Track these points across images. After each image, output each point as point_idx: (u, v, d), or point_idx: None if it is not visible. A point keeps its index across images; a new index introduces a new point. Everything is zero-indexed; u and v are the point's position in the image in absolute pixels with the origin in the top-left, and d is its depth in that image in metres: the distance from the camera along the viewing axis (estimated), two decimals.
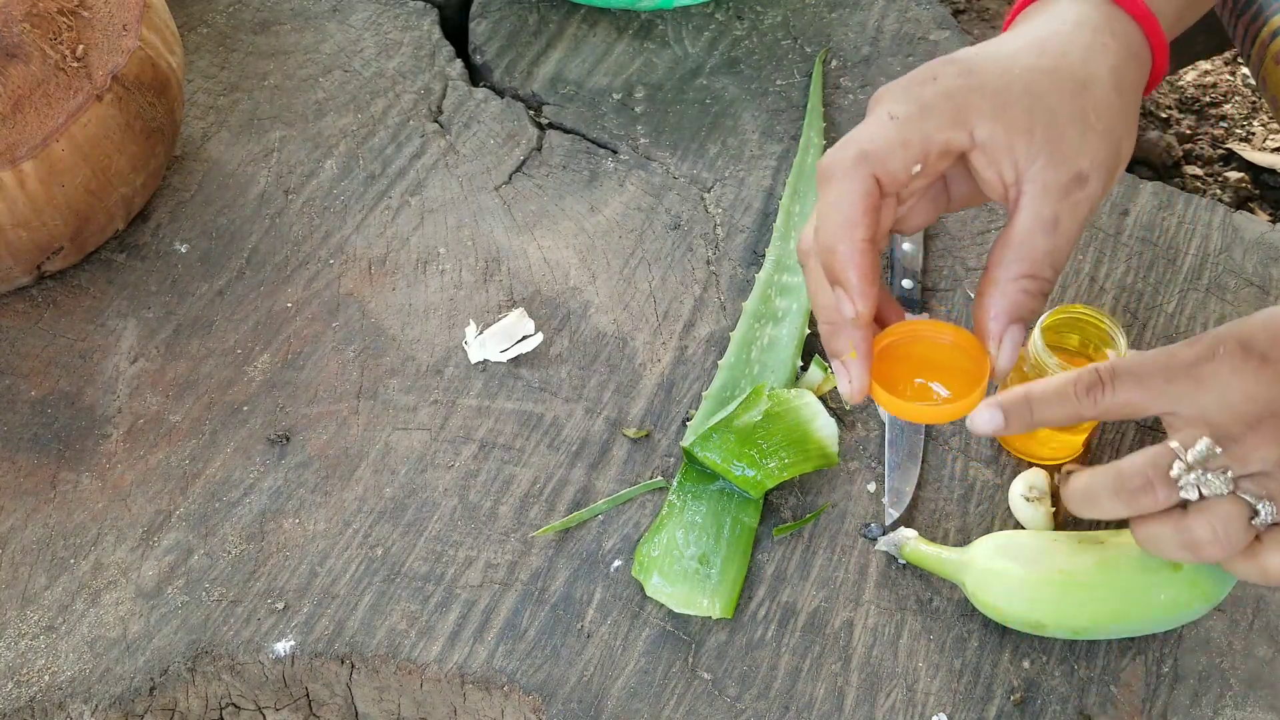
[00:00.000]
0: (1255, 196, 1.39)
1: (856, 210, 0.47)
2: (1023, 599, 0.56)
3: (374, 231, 0.75)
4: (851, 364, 0.51)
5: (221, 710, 0.61)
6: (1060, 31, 0.50)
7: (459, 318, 0.71)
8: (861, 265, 0.47)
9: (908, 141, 0.47)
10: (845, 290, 0.48)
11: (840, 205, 0.47)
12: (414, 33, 0.85)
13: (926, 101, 0.48)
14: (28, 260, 0.67)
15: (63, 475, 0.65)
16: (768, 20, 0.86)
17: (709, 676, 0.59)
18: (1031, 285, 0.49)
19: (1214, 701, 0.58)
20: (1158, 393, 0.49)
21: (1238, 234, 0.74)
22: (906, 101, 0.48)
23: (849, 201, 0.47)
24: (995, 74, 0.48)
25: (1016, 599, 0.56)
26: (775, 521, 0.63)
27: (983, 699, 0.58)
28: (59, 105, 0.64)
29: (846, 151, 0.48)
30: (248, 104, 0.80)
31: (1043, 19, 0.52)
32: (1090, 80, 0.49)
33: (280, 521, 0.64)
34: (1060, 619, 0.56)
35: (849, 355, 0.51)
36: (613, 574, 0.62)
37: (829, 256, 0.48)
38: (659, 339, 0.70)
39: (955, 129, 0.48)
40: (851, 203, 0.47)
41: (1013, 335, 0.50)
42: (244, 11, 0.86)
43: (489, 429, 0.67)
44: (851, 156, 0.47)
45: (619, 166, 0.78)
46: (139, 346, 0.70)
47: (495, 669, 0.59)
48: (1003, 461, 0.65)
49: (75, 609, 0.61)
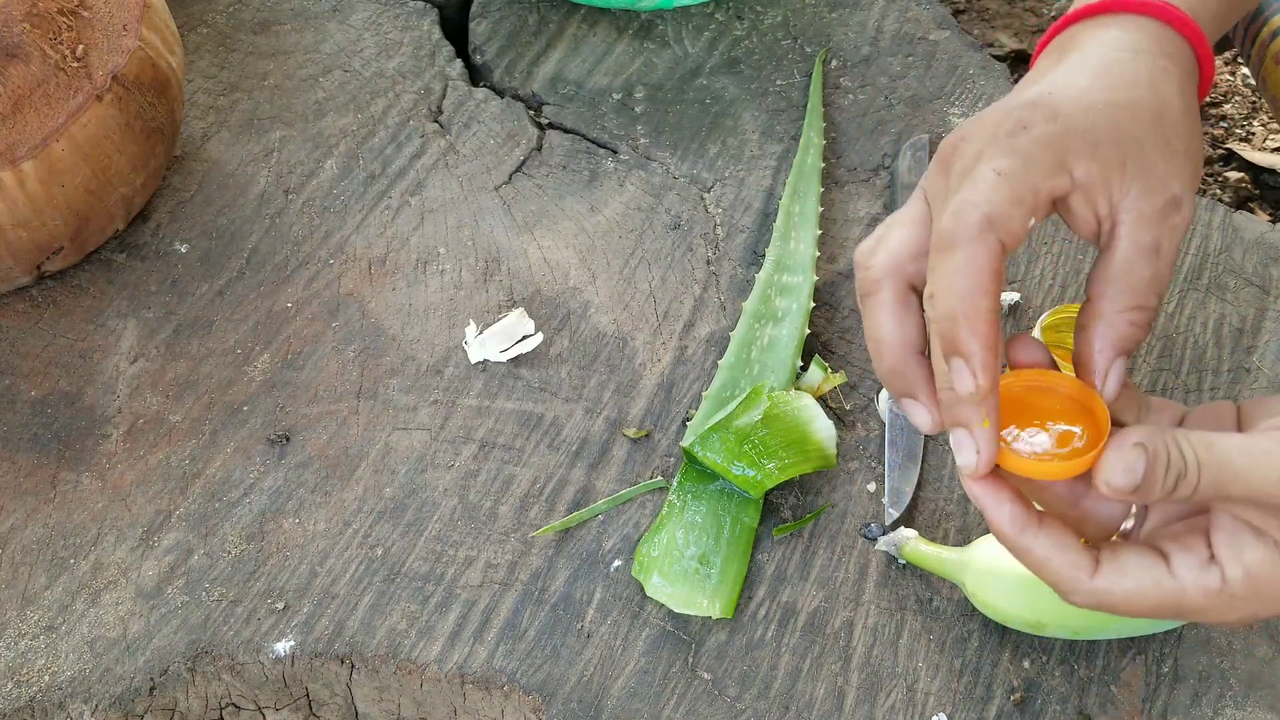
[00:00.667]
0: (1255, 196, 1.39)
1: (985, 278, 0.45)
2: (1022, 599, 0.56)
3: (374, 231, 0.75)
4: (980, 434, 0.46)
5: (221, 710, 0.61)
6: (1122, 60, 0.50)
7: (459, 318, 0.71)
8: (989, 336, 0.45)
9: (1021, 198, 0.46)
10: (968, 362, 0.45)
11: (968, 272, 0.45)
12: (414, 33, 0.85)
13: (1029, 152, 0.46)
14: (28, 260, 0.67)
15: (63, 475, 0.65)
16: (768, 20, 0.86)
17: (709, 676, 0.59)
18: (1139, 316, 0.48)
19: (1214, 701, 0.58)
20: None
21: (1238, 234, 0.74)
22: (1010, 155, 0.46)
23: (977, 268, 0.45)
24: (1080, 114, 0.47)
25: (1016, 599, 0.56)
26: (775, 521, 0.63)
27: (983, 699, 0.58)
28: (59, 105, 0.64)
29: (970, 217, 0.45)
30: (248, 104, 0.80)
31: (1096, 48, 0.51)
32: (1164, 106, 0.49)
33: (280, 521, 0.64)
34: (1060, 619, 0.56)
35: (978, 425, 0.46)
36: (613, 574, 0.62)
37: (950, 325, 0.45)
38: (659, 339, 0.70)
39: (1058, 176, 0.47)
40: (979, 269, 0.45)
41: (1118, 369, 0.48)
42: (244, 11, 0.86)
43: (489, 429, 0.67)
44: (976, 222, 0.45)
45: (619, 166, 0.78)
46: (139, 346, 0.70)
47: (495, 669, 0.59)
48: None
49: (75, 609, 0.61)
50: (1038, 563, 0.46)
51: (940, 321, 0.46)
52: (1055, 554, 0.46)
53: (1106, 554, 0.46)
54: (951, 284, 0.45)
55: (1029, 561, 0.46)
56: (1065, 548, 0.46)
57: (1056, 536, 0.46)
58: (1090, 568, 0.45)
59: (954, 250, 0.45)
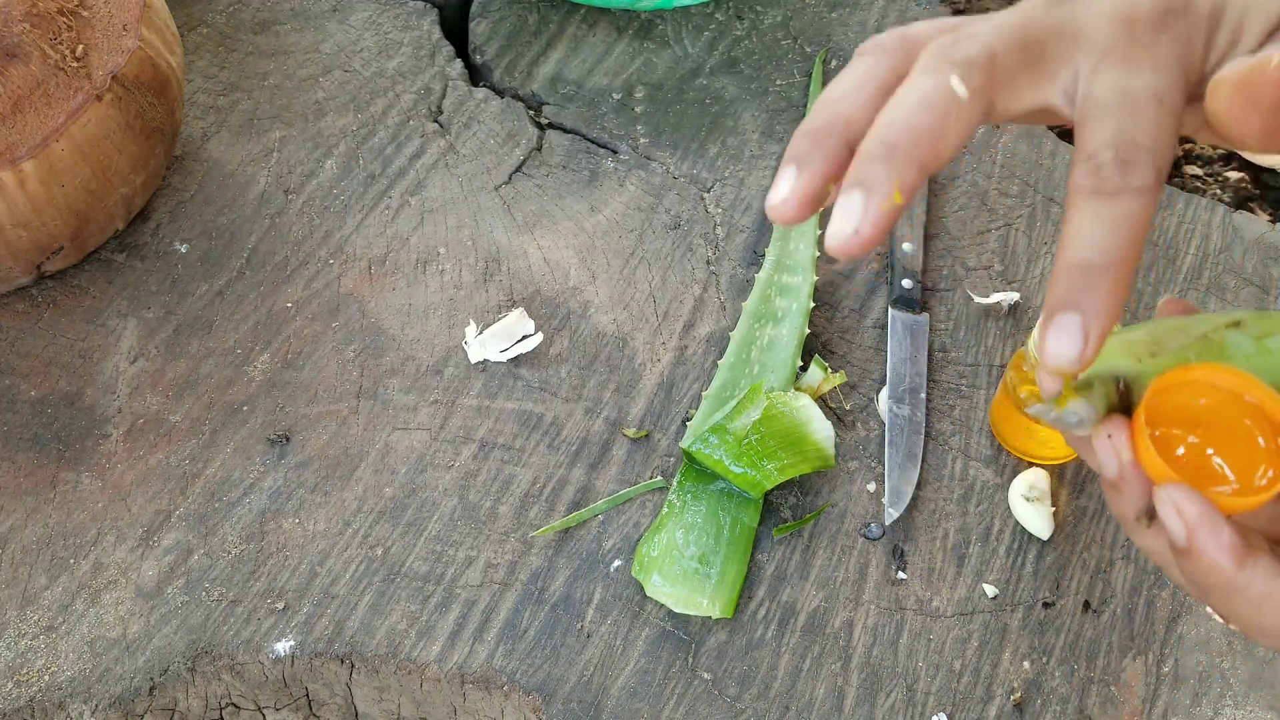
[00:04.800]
0: (1255, 196, 1.39)
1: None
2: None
3: (374, 231, 0.75)
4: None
5: (221, 710, 0.61)
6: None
7: (459, 318, 0.71)
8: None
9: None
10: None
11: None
12: (414, 33, 0.85)
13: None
14: (27, 260, 0.67)
15: (63, 475, 0.65)
16: (768, 20, 0.86)
17: (709, 676, 0.59)
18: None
19: (1214, 702, 0.58)
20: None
21: (1238, 233, 0.74)
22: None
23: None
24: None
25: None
26: (775, 521, 0.63)
27: (983, 699, 0.58)
28: (59, 105, 0.64)
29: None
30: (248, 104, 0.80)
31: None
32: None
33: (280, 521, 0.64)
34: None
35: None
36: (613, 574, 0.62)
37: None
38: (659, 339, 0.70)
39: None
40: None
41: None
42: (244, 11, 0.85)
43: (489, 429, 0.67)
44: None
45: (619, 166, 0.78)
46: (139, 346, 0.70)
47: (495, 669, 0.59)
48: (1002, 461, 0.65)
49: (75, 609, 0.61)
50: (1254, 603, 0.37)
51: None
52: (1275, 588, 0.36)
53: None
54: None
55: (1240, 604, 0.37)
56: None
57: (1273, 564, 0.37)
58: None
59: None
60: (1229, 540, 0.36)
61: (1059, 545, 0.63)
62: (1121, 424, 0.38)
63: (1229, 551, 0.36)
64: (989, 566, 0.62)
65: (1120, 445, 0.38)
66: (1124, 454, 0.38)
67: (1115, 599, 0.61)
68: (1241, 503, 0.37)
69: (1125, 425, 0.38)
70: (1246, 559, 0.36)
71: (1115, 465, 0.38)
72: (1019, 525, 0.63)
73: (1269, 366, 0.38)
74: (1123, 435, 0.38)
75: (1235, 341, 0.39)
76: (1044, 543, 0.63)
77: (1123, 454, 0.38)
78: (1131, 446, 0.38)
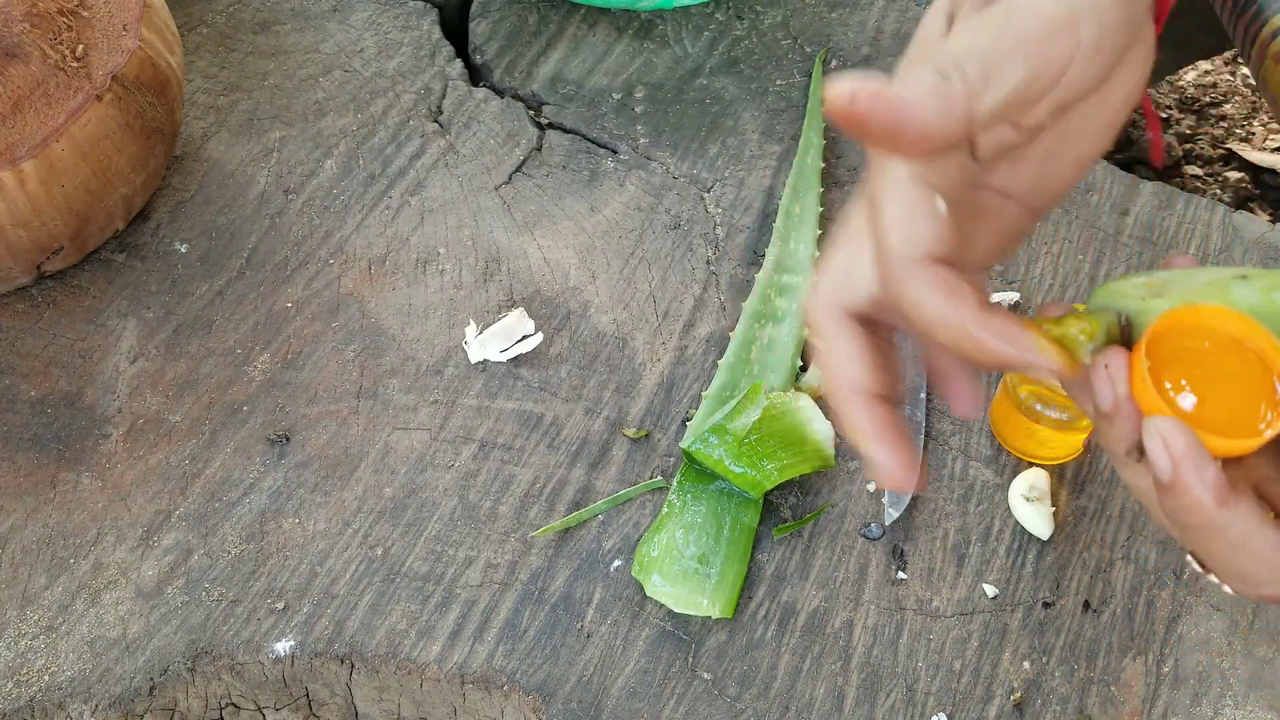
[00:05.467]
0: (1255, 196, 1.39)
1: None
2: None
3: (374, 231, 0.75)
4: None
5: (221, 710, 0.61)
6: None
7: (459, 318, 0.71)
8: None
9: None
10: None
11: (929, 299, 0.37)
12: (414, 33, 0.85)
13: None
14: (27, 260, 0.67)
15: (62, 475, 0.65)
16: (768, 20, 0.86)
17: (709, 676, 0.59)
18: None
19: (1214, 702, 0.58)
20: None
21: (1238, 234, 0.74)
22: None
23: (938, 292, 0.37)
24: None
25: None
26: (775, 521, 0.63)
27: (983, 699, 0.58)
28: (59, 105, 0.64)
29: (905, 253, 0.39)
30: (248, 104, 0.80)
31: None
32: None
33: (280, 521, 0.64)
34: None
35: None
36: (613, 574, 0.62)
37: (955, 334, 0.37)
38: (659, 339, 0.70)
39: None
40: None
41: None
42: (244, 11, 0.85)
43: (489, 429, 0.67)
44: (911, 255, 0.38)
45: (619, 166, 0.78)
46: (139, 346, 0.70)
47: (495, 669, 0.59)
48: (1003, 461, 0.65)
49: (75, 609, 0.61)
50: (1232, 545, 0.36)
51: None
52: (1256, 530, 0.36)
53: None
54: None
55: (1219, 545, 0.37)
56: (1264, 522, 0.36)
57: (1255, 509, 0.36)
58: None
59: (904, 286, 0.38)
60: (1213, 477, 0.36)
61: (1059, 545, 0.63)
62: (1120, 355, 0.38)
63: (1212, 489, 0.35)
64: (989, 566, 0.62)
65: (1117, 376, 0.38)
66: (1120, 385, 0.38)
67: (1115, 599, 0.61)
68: (1232, 445, 0.37)
69: (1124, 356, 0.38)
70: (1229, 498, 0.36)
71: (1110, 396, 0.38)
72: (1019, 525, 0.63)
73: (1273, 315, 0.38)
74: (1120, 366, 0.38)
75: (1241, 291, 0.39)
76: (1044, 543, 0.63)
77: (1118, 385, 0.38)
78: (1127, 378, 0.38)
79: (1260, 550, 0.36)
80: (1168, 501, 0.37)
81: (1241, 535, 0.36)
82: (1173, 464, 0.36)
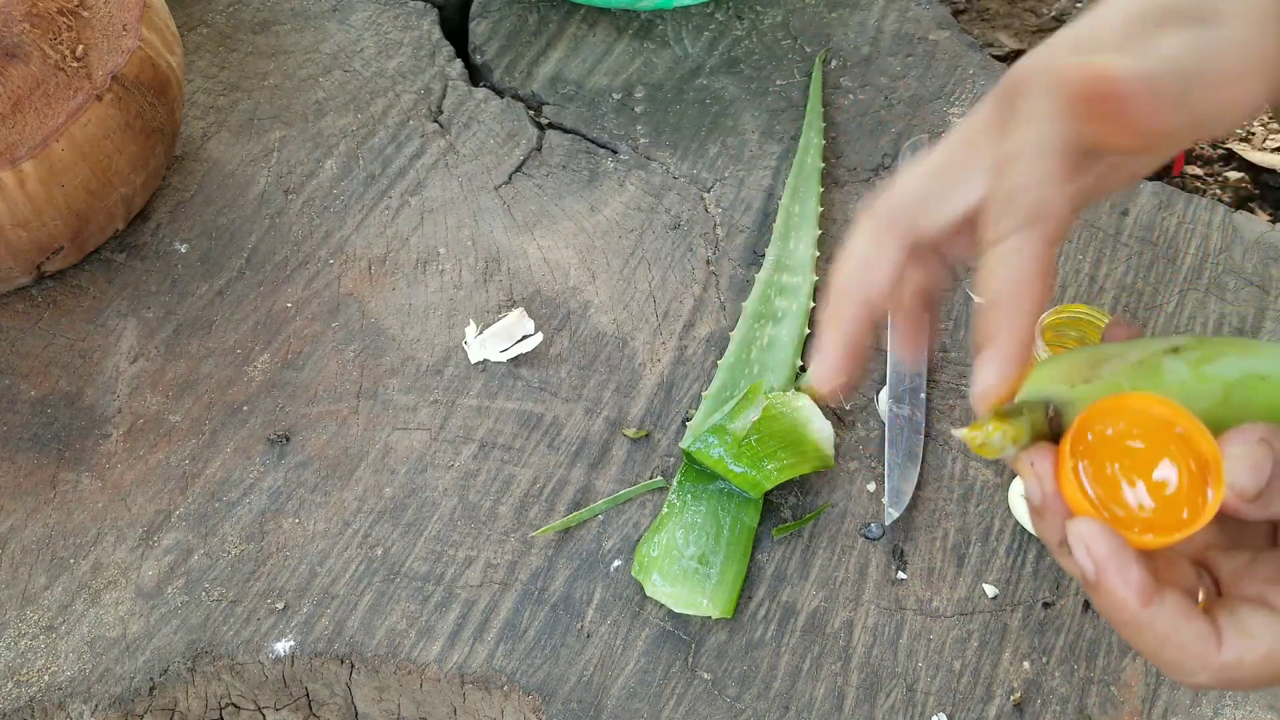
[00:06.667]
0: (1255, 196, 1.39)
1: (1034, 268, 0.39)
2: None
3: (374, 231, 0.75)
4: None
5: (221, 710, 0.61)
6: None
7: (459, 318, 0.71)
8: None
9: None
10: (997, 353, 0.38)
11: (1017, 261, 0.39)
12: (414, 32, 0.85)
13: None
14: (28, 260, 0.67)
15: (63, 475, 0.65)
16: (768, 20, 0.86)
17: (709, 676, 0.59)
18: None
19: (1214, 702, 0.58)
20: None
21: (1238, 234, 0.74)
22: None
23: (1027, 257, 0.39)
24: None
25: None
26: (775, 521, 0.63)
27: (983, 699, 0.58)
28: (59, 105, 0.64)
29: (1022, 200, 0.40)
30: (247, 104, 0.80)
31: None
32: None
33: (280, 521, 0.64)
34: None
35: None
36: (612, 574, 0.62)
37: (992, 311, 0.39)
38: (659, 339, 0.70)
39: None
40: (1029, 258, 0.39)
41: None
42: (244, 11, 0.85)
43: (489, 429, 0.67)
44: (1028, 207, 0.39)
45: (619, 166, 0.78)
46: (139, 346, 0.70)
47: (495, 669, 0.59)
48: (1002, 462, 0.65)
49: (75, 609, 0.61)
50: (1159, 640, 0.37)
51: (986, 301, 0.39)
52: (1182, 625, 0.36)
53: (1222, 615, 0.37)
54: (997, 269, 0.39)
55: (1146, 640, 0.37)
56: (1190, 615, 0.37)
57: (1180, 603, 0.37)
58: (1215, 638, 0.37)
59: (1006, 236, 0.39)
60: (1136, 579, 0.36)
61: None
62: (1046, 452, 0.38)
63: (1136, 590, 0.36)
64: (989, 566, 0.62)
65: (1043, 474, 0.38)
66: (1046, 484, 0.38)
67: None
68: (1158, 541, 0.37)
69: (1050, 453, 0.38)
70: (1154, 598, 0.36)
71: (1039, 494, 0.38)
72: (1019, 525, 0.63)
73: (1204, 393, 0.38)
74: (1046, 463, 0.38)
75: (1172, 368, 0.39)
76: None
77: (1045, 483, 0.38)
78: (1054, 476, 0.38)
79: (1185, 643, 0.36)
80: (1095, 599, 0.37)
81: (1167, 630, 0.36)
82: (1096, 567, 0.36)
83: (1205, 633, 0.37)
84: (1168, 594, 0.37)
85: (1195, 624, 0.36)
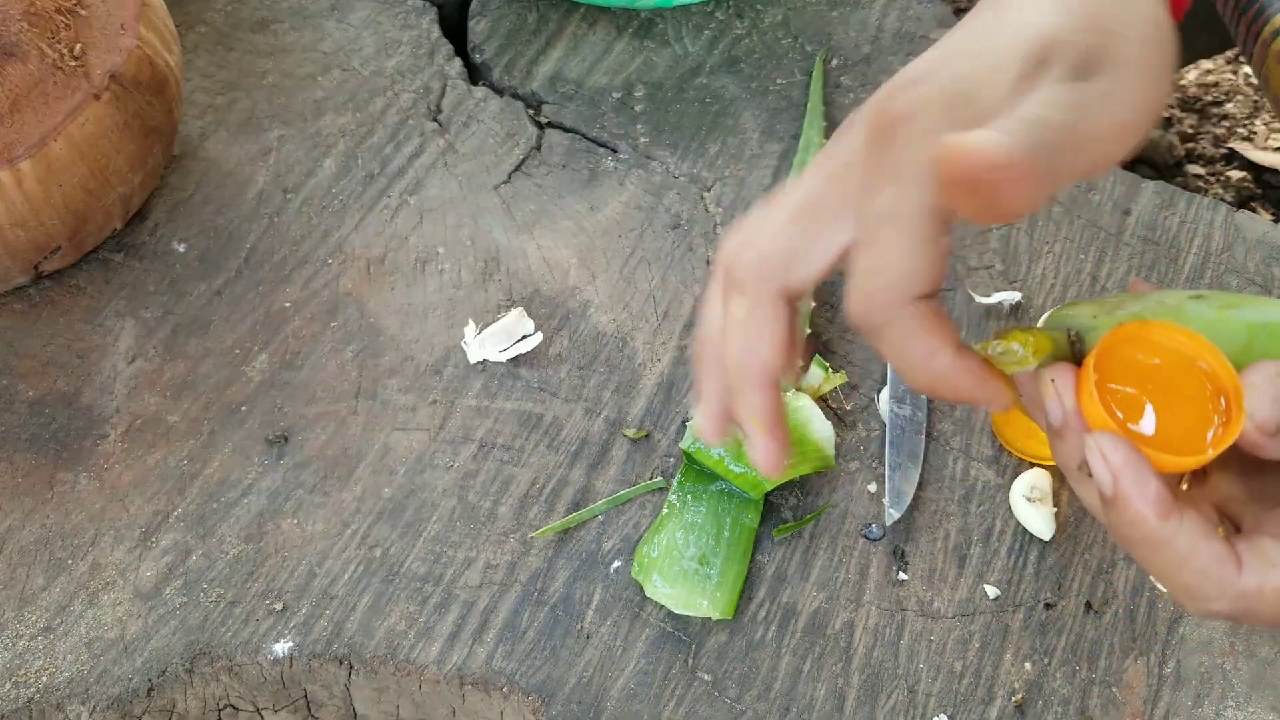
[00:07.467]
0: (1257, 195, 1.39)
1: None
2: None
3: (372, 231, 0.75)
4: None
5: (220, 711, 0.61)
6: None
7: (458, 317, 0.71)
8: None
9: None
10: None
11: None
12: (413, 31, 0.85)
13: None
14: (25, 260, 0.67)
15: (60, 476, 0.65)
16: (768, 19, 0.86)
17: (709, 678, 0.59)
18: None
19: (1216, 703, 0.58)
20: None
21: (1240, 233, 0.73)
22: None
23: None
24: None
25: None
26: (775, 522, 0.63)
27: (984, 701, 0.58)
28: (56, 104, 0.64)
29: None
30: (246, 103, 0.80)
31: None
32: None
33: (279, 522, 0.63)
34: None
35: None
36: (612, 574, 0.62)
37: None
38: (659, 339, 0.70)
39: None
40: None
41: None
42: (242, 10, 0.85)
43: (488, 429, 0.66)
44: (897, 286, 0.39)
45: (619, 166, 0.78)
46: (137, 346, 0.70)
47: (494, 670, 0.59)
48: (1004, 462, 0.65)
49: (73, 610, 0.61)
50: (1177, 560, 0.36)
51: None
52: (1201, 545, 0.35)
53: (1242, 544, 0.36)
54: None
55: (1164, 560, 0.36)
56: (1210, 537, 0.35)
57: (1200, 523, 0.36)
58: (1235, 561, 0.36)
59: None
60: (1155, 491, 0.35)
61: (1060, 546, 0.63)
62: (1066, 370, 0.38)
63: (1154, 503, 0.35)
64: (990, 567, 0.62)
65: (1064, 391, 0.38)
66: (1067, 400, 0.37)
67: (1117, 600, 0.61)
68: (1179, 462, 0.36)
69: (1070, 371, 0.38)
70: (1172, 512, 0.35)
71: (1059, 411, 0.38)
72: (1020, 526, 0.63)
73: (1228, 334, 0.38)
74: (1066, 381, 0.38)
75: (1195, 309, 0.39)
76: (1045, 543, 0.63)
77: (1065, 400, 0.37)
78: (1074, 393, 0.37)
79: (1205, 565, 0.35)
80: (1111, 516, 0.37)
81: (1186, 549, 0.35)
82: (1113, 478, 0.36)
83: (1225, 555, 0.35)
84: (1187, 512, 0.36)
85: (1215, 545, 0.35)
